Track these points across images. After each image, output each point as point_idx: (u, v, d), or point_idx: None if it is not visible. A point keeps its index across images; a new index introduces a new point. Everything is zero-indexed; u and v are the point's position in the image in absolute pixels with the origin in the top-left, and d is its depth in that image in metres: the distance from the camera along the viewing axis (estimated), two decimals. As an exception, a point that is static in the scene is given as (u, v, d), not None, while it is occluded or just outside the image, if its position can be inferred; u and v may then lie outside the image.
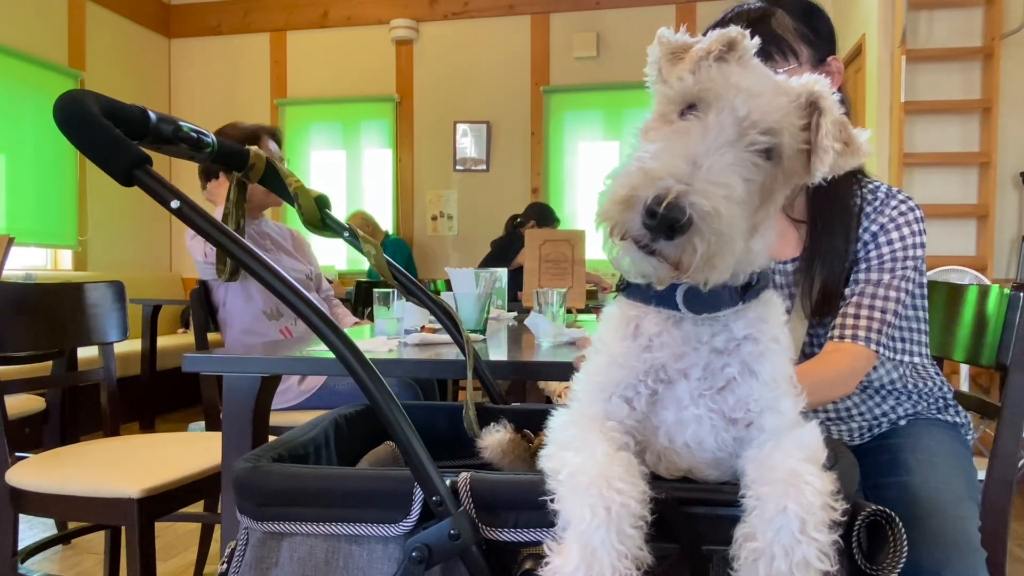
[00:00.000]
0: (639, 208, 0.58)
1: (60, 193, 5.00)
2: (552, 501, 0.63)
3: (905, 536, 0.67)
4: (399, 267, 1.10)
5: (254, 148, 1.06)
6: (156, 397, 4.49)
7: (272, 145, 2.40)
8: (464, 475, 0.68)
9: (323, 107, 5.96)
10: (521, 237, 4.46)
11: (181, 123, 0.89)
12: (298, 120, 6.00)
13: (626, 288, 0.74)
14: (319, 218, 1.09)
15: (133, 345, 4.43)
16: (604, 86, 5.43)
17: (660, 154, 0.61)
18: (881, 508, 0.68)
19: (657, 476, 0.70)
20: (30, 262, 5.02)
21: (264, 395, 1.32)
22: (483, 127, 5.72)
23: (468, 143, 5.76)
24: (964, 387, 3.43)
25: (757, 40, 0.72)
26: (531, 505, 0.66)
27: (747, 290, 0.71)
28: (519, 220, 4.76)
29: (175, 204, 0.68)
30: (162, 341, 4.62)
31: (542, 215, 4.64)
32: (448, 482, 0.67)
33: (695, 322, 0.70)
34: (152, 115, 0.84)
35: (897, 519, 0.67)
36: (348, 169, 5.95)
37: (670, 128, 0.67)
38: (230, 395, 1.31)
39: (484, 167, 5.75)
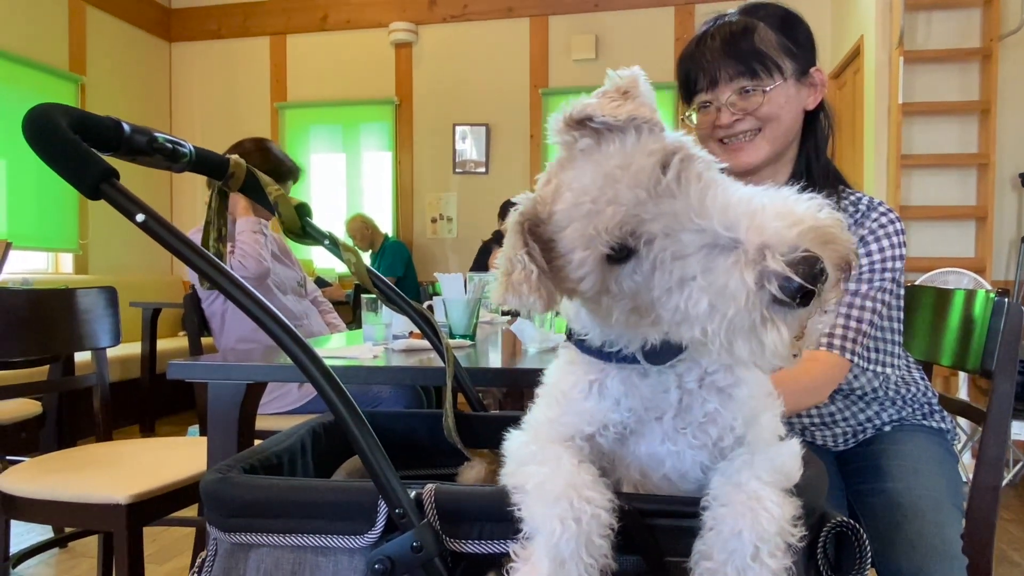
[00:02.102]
0: (776, 283, 0.50)
1: (61, 197, 5.03)
2: (518, 511, 0.63)
3: (868, 546, 0.67)
4: (379, 274, 1.11)
5: (234, 157, 1.07)
6: (156, 400, 4.51)
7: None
8: (429, 486, 0.68)
9: (323, 110, 5.97)
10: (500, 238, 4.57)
11: (156, 133, 0.89)
12: (298, 123, 6.01)
13: (580, 341, 0.70)
14: (300, 226, 1.09)
15: (133, 348, 4.45)
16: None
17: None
18: (846, 520, 0.68)
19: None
20: (31, 266, 5.04)
21: (249, 402, 1.33)
22: (482, 129, 5.73)
23: (467, 146, 5.76)
24: (963, 390, 3.42)
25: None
26: (496, 517, 0.66)
27: None
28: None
29: (140, 218, 0.68)
30: (162, 344, 4.63)
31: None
32: (413, 494, 0.67)
33: (660, 371, 0.67)
34: (126, 126, 0.84)
35: (861, 530, 0.67)
36: (348, 172, 5.97)
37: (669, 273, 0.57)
38: (215, 402, 1.32)
39: (483, 170, 5.76)
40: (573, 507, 0.60)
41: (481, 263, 4.71)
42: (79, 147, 0.70)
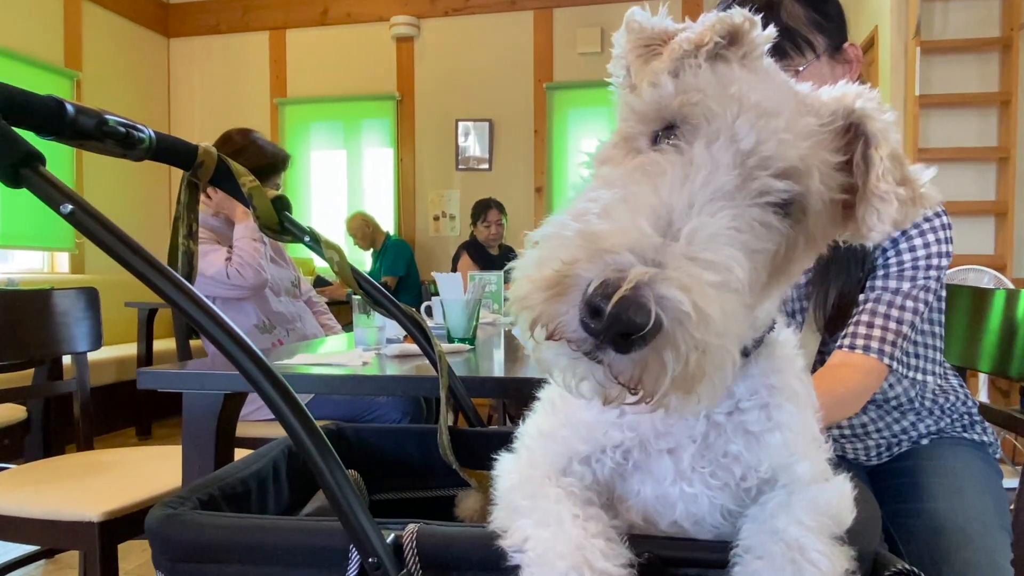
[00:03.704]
0: (576, 298, 0.39)
1: (56, 195, 4.93)
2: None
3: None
4: (364, 275, 1.00)
5: (204, 144, 0.96)
6: (152, 402, 4.41)
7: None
8: (411, 527, 0.57)
9: (323, 106, 5.86)
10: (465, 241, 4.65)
11: (107, 116, 0.79)
12: (298, 119, 5.91)
13: None
14: (277, 221, 0.99)
15: (129, 349, 4.36)
16: (609, 82, 5.28)
17: (616, 208, 0.42)
18: (909, 567, 0.57)
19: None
20: (27, 265, 4.95)
21: (227, 413, 1.23)
22: (485, 125, 5.62)
23: (470, 142, 5.65)
24: (983, 392, 3.30)
25: (772, 30, 0.53)
26: (491, 565, 0.55)
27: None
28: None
29: (67, 208, 0.58)
30: (158, 345, 4.53)
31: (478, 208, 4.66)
32: (391, 537, 0.56)
33: None
34: (69, 107, 0.73)
35: (929, 583, 0.56)
36: (349, 169, 5.86)
37: (636, 162, 0.48)
38: (190, 413, 1.21)
39: (487, 166, 5.65)
40: None
41: (454, 267, 4.66)
42: (-3, 126, 0.59)
